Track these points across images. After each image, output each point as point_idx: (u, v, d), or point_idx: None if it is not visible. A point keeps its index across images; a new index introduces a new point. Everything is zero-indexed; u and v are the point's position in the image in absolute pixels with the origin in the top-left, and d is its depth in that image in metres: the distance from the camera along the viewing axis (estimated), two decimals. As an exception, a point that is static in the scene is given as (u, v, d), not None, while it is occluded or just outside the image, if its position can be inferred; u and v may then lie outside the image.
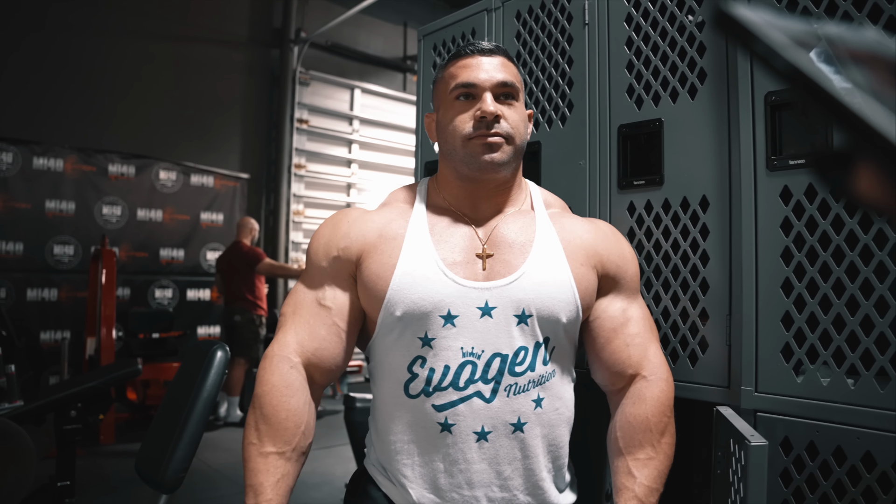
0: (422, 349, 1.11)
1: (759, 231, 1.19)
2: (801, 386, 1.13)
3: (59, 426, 2.88)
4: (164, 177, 6.09)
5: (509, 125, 1.16)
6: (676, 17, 1.37)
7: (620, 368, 1.18)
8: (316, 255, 1.21)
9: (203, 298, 6.35)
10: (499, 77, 1.16)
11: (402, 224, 1.19)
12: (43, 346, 5.38)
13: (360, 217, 1.22)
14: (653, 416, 1.15)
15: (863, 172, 0.32)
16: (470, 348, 1.10)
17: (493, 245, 1.17)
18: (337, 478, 3.85)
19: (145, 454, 1.58)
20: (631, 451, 1.14)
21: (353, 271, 1.18)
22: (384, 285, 1.12)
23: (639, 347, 1.18)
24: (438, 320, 1.10)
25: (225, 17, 6.69)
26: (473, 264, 1.14)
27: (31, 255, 5.39)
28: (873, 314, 1.05)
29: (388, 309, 1.11)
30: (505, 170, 1.18)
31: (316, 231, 1.24)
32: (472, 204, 1.21)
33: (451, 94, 1.18)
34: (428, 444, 1.12)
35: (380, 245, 1.16)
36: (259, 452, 1.09)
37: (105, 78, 5.86)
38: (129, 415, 5.15)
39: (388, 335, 1.14)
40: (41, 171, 5.44)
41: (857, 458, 1.04)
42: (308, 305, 1.19)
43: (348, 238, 1.18)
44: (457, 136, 1.16)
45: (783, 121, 1.19)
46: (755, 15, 0.34)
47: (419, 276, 1.11)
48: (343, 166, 7.59)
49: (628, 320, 1.19)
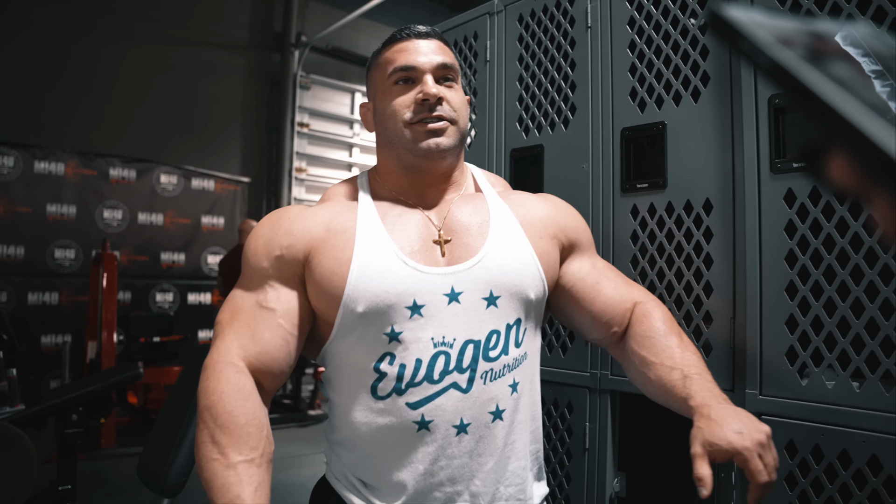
0: (389, 345, 1.05)
1: (762, 234, 1.19)
2: (806, 389, 1.12)
3: (60, 430, 2.87)
4: (165, 180, 6.09)
5: (452, 107, 1.12)
6: (679, 20, 1.37)
7: (618, 310, 1.15)
8: (254, 257, 1.12)
9: (204, 302, 6.35)
10: (438, 59, 1.13)
11: (350, 216, 1.12)
12: (44, 349, 5.38)
13: (302, 213, 1.15)
14: (664, 322, 1.12)
15: (836, 160, 0.35)
16: (441, 338, 1.04)
17: (449, 230, 1.12)
18: (338, 482, 3.84)
19: (147, 458, 1.57)
20: (659, 356, 1.09)
21: (299, 271, 1.10)
22: (340, 281, 1.05)
23: (623, 286, 1.17)
24: (405, 312, 1.04)
25: (226, 21, 6.71)
26: (432, 251, 1.10)
27: (32, 259, 5.39)
28: (878, 317, 1.05)
29: (348, 306, 1.04)
30: (451, 156, 1.14)
31: (252, 231, 1.16)
32: (419, 192, 1.17)
33: (388, 79, 1.14)
34: (404, 447, 1.05)
35: (329, 240, 1.09)
36: (225, 465, 0.99)
37: (106, 82, 5.87)
38: (129, 419, 5.15)
39: (349, 335, 1.07)
40: (42, 174, 5.44)
41: (863, 461, 1.04)
42: (248, 309, 1.10)
43: (291, 235, 1.10)
44: (397, 121, 1.12)
45: (786, 123, 1.19)
46: (745, 15, 0.36)
47: (378, 268, 1.05)
48: (344, 170, 7.60)
49: (602, 271, 1.19)
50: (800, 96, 0.34)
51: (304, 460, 4.36)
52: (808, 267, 1.13)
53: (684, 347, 1.08)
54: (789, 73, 0.34)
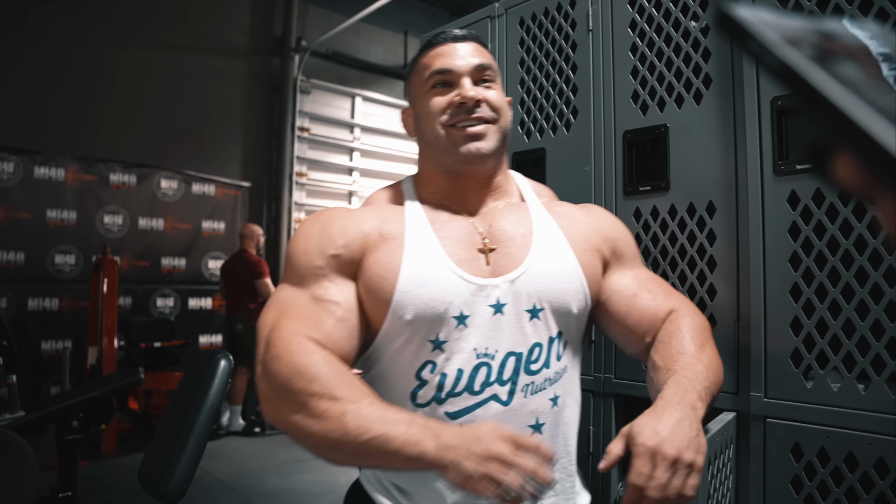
0: (432, 353, 1.04)
1: (766, 236, 1.19)
2: (811, 391, 1.12)
3: (60, 436, 2.86)
4: (166, 186, 6.09)
5: (492, 108, 1.11)
6: (681, 23, 1.37)
7: (652, 320, 1.12)
8: (306, 255, 1.09)
9: (205, 307, 6.34)
10: (475, 61, 1.13)
11: (399, 221, 1.11)
12: (44, 355, 5.37)
13: (351, 214, 1.14)
14: (689, 330, 1.07)
15: (842, 161, 0.35)
16: (484, 349, 1.04)
17: (494, 239, 1.11)
18: (340, 486, 3.82)
19: (148, 465, 1.57)
20: (666, 361, 1.05)
21: (355, 270, 1.08)
22: (389, 287, 1.04)
23: (661, 297, 1.13)
24: (451, 321, 1.03)
25: (226, 26, 6.72)
26: (478, 260, 1.09)
27: (32, 265, 5.38)
28: (884, 318, 1.04)
29: (397, 312, 1.04)
30: (491, 159, 1.13)
31: (300, 231, 1.13)
32: (462, 197, 1.16)
33: (426, 83, 1.14)
34: None
35: (380, 244, 1.08)
36: (366, 405, 0.91)
37: (106, 87, 5.88)
38: (130, 425, 5.14)
39: (395, 341, 1.07)
40: (42, 180, 5.44)
41: (870, 464, 1.03)
42: (304, 303, 1.05)
43: (346, 235, 1.09)
44: (435, 124, 1.12)
45: (790, 125, 1.18)
46: (753, 15, 0.36)
47: (428, 276, 1.04)
48: (344, 174, 7.60)
49: (643, 283, 1.15)
50: (807, 98, 0.34)
51: (305, 465, 4.35)
52: (813, 269, 1.13)
53: (697, 357, 1.02)
54: (797, 74, 0.34)
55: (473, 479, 0.84)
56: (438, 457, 0.86)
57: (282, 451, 4.66)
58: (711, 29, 1.30)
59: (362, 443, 0.88)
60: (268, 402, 0.99)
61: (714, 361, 1.04)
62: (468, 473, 0.84)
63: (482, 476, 0.84)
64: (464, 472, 0.84)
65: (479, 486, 0.84)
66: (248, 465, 4.34)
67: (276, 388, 0.96)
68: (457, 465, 0.85)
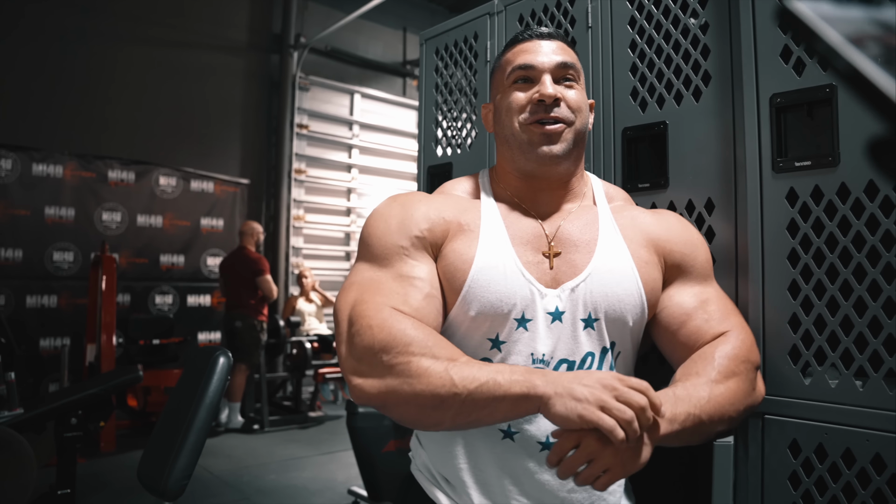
0: (490, 351, 1.06)
1: (765, 233, 1.19)
2: (809, 388, 1.12)
3: (59, 434, 2.86)
4: (164, 183, 6.09)
5: (570, 108, 1.11)
6: (680, 20, 1.37)
7: (700, 342, 1.09)
8: (388, 236, 1.08)
9: (203, 304, 6.34)
10: (558, 59, 1.12)
11: (475, 215, 1.12)
12: (43, 353, 5.37)
13: (433, 200, 1.14)
14: (721, 357, 1.03)
15: None
16: (541, 354, 1.04)
17: (560, 243, 1.11)
18: (339, 483, 3.84)
19: (147, 462, 1.57)
20: (680, 376, 1.03)
21: (436, 255, 1.09)
22: (462, 278, 1.04)
23: (717, 320, 1.10)
24: (513, 323, 1.04)
25: (224, 23, 6.71)
26: (543, 263, 1.09)
27: (30, 262, 5.38)
28: (881, 315, 1.05)
29: (463, 306, 1.05)
30: (566, 162, 1.12)
31: (376, 214, 1.13)
32: (534, 197, 1.16)
33: (508, 78, 1.14)
34: (486, 451, 1.06)
35: (458, 234, 1.09)
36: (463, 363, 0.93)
37: (104, 84, 5.87)
38: (129, 422, 5.14)
39: (457, 332, 1.07)
40: (40, 177, 5.43)
41: (867, 460, 1.03)
42: (388, 280, 1.04)
43: (430, 220, 1.09)
44: (513, 120, 1.12)
45: (788, 122, 1.18)
46: (813, 8, 0.35)
47: (497, 275, 1.05)
48: (343, 171, 7.60)
49: (705, 301, 1.12)
50: (874, 101, 0.33)
51: (306, 462, 4.35)
52: (811, 266, 1.13)
53: (708, 384, 0.99)
54: (867, 78, 0.33)
55: (584, 402, 0.85)
56: (547, 389, 0.88)
57: (281, 448, 4.67)
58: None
59: (471, 391, 0.89)
60: (359, 377, 0.97)
61: (728, 395, 1.00)
62: (580, 397, 0.85)
63: (595, 400, 0.85)
64: (576, 396, 0.85)
65: (588, 411, 0.84)
66: (247, 461, 4.34)
67: (371, 358, 0.95)
68: (569, 391, 0.86)
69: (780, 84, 1.18)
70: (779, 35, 1.18)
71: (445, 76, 1.93)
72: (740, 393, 1.02)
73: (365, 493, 2.75)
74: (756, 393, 1.07)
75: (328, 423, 5.46)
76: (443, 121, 1.94)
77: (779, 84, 1.18)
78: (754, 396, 1.06)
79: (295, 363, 5.68)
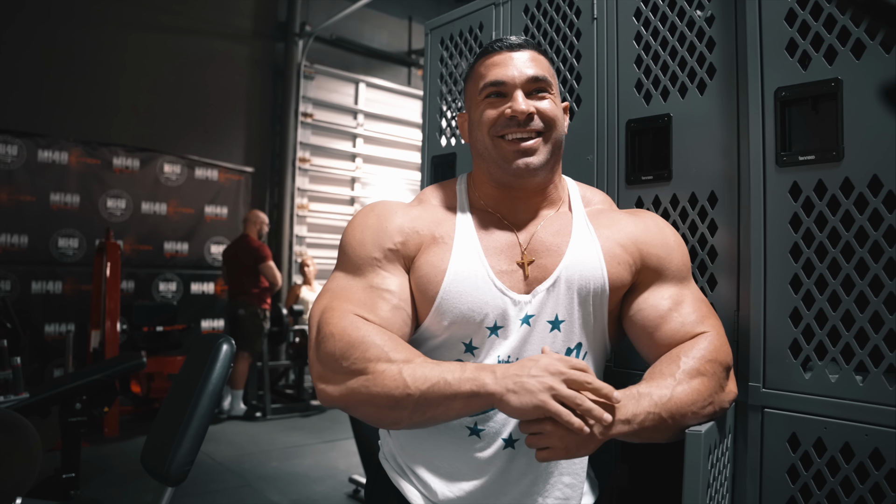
0: (464, 354, 1.10)
1: (767, 227, 1.19)
2: (809, 382, 1.12)
3: (64, 418, 2.89)
4: (169, 170, 6.09)
5: (543, 120, 1.12)
6: (686, 12, 1.36)
7: (674, 343, 1.10)
8: (362, 246, 1.12)
9: (207, 292, 6.36)
10: (529, 73, 1.13)
11: (450, 226, 1.15)
12: (47, 338, 5.40)
13: (408, 211, 1.17)
14: (690, 358, 1.04)
15: None
16: (507, 357, 1.08)
17: (533, 251, 1.13)
18: (341, 472, 3.86)
19: (151, 447, 1.58)
20: (648, 377, 1.04)
21: (408, 267, 1.12)
22: (435, 289, 1.08)
23: (693, 322, 1.11)
24: (485, 331, 1.09)
25: (229, 10, 6.68)
26: (517, 273, 1.11)
27: (35, 248, 5.40)
28: (882, 311, 1.05)
29: (437, 315, 1.08)
30: (542, 172, 1.14)
31: (354, 223, 1.16)
32: (510, 206, 1.17)
33: (480, 93, 1.15)
34: (453, 446, 1.10)
35: (432, 246, 1.12)
36: (419, 363, 0.98)
37: (110, 71, 5.86)
38: (133, 408, 5.17)
39: (431, 339, 1.12)
40: (46, 163, 5.44)
41: (866, 454, 1.04)
42: (359, 290, 1.08)
43: (403, 233, 1.13)
44: (486, 134, 1.14)
45: (793, 116, 1.18)
46: None
47: (469, 286, 1.08)
48: (347, 160, 7.59)
49: (680, 303, 1.13)
50: None
51: (307, 450, 4.38)
52: (813, 260, 1.13)
53: (672, 384, 1.00)
54: None
55: (536, 394, 0.89)
56: (497, 387, 0.92)
57: (283, 435, 4.70)
58: None
59: (423, 392, 0.94)
60: (323, 382, 1.02)
61: (692, 395, 1.00)
62: (531, 388, 0.89)
63: (546, 388, 0.89)
64: (525, 391, 0.89)
65: (541, 400, 0.88)
66: (250, 448, 4.37)
67: (331, 364, 1.00)
68: (520, 385, 0.90)
69: (784, 78, 1.17)
70: (785, 28, 1.17)
71: (450, 66, 1.92)
72: (705, 393, 1.02)
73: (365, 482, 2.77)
74: (725, 393, 1.07)
75: (330, 411, 5.48)
76: (447, 111, 1.94)
77: (784, 78, 1.17)
78: (722, 396, 1.06)
79: (297, 351, 5.70)
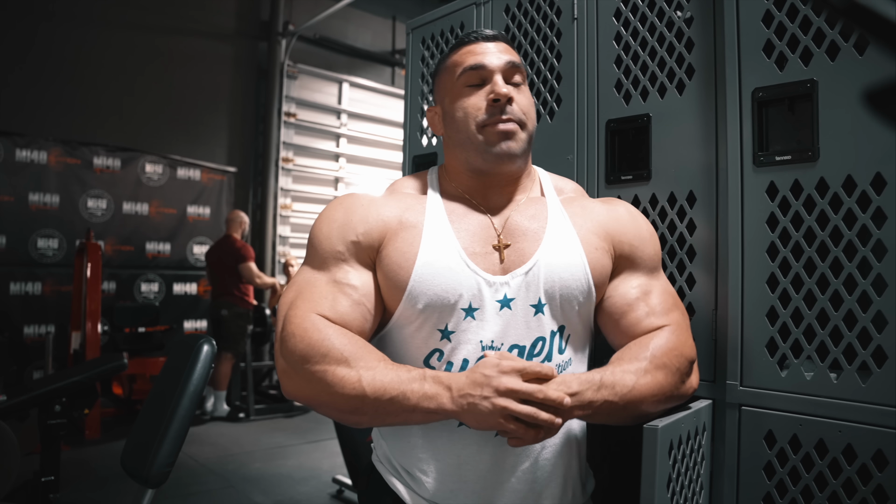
0: (440, 342, 1.08)
1: (745, 226, 1.20)
2: (786, 380, 1.14)
3: (43, 421, 2.85)
4: (150, 170, 6.04)
5: (521, 109, 1.13)
6: (665, 13, 1.37)
7: (638, 333, 1.12)
8: (328, 240, 1.12)
9: (189, 292, 6.32)
10: (507, 58, 1.14)
11: (419, 211, 1.14)
12: (27, 340, 5.33)
13: (374, 201, 1.16)
14: (654, 348, 1.07)
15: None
16: (489, 341, 1.07)
17: (509, 235, 1.13)
18: (324, 472, 3.85)
19: (131, 449, 1.57)
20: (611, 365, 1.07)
21: (373, 257, 1.12)
22: (405, 275, 1.07)
23: (659, 314, 1.13)
24: (460, 313, 1.07)
25: (212, 9, 6.64)
26: (492, 255, 1.11)
27: (14, 249, 5.33)
28: (856, 309, 1.06)
29: (410, 300, 1.07)
30: (520, 160, 1.15)
31: (322, 216, 1.16)
32: (485, 194, 1.18)
33: (458, 80, 1.15)
34: (443, 440, 1.09)
35: (399, 232, 1.11)
36: (381, 369, 0.99)
37: (90, 70, 5.80)
38: (114, 410, 5.12)
39: (406, 327, 1.10)
40: (24, 163, 5.38)
41: (839, 450, 1.06)
42: (323, 285, 1.09)
43: (367, 223, 1.12)
44: (470, 123, 1.13)
45: (770, 117, 1.19)
46: None
47: (442, 267, 1.07)
48: (331, 160, 7.57)
49: (648, 293, 1.15)
50: (875, 34, 0.33)
51: (291, 451, 4.36)
52: (789, 259, 1.15)
53: (635, 373, 1.03)
54: (868, 9, 0.33)
55: (491, 417, 0.93)
56: (455, 407, 0.95)
57: (266, 436, 4.67)
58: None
59: (383, 403, 0.97)
60: (286, 378, 1.04)
61: (653, 386, 1.04)
62: (485, 413, 0.93)
63: (499, 412, 0.93)
64: (481, 414, 0.94)
65: (498, 422, 0.93)
66: (233, 450, 4.35)
67: (293, 364, 1.02)
68: (474, 410, 0.94)
69: (762, 78, 1.19)
70: (762, 30, 1.19)
71: (432, 66, 1.92)
72: (667, 384, 1.06)
73: (349, 482, 2.76)
74: (686, 385, 1.10)
75: (313, 412, 5.47)
76: (429, 111, 1.93)
77: (761, 78, 1.19)
78: (683, 388, 1.09)
79: (281, 352, 5.67)
